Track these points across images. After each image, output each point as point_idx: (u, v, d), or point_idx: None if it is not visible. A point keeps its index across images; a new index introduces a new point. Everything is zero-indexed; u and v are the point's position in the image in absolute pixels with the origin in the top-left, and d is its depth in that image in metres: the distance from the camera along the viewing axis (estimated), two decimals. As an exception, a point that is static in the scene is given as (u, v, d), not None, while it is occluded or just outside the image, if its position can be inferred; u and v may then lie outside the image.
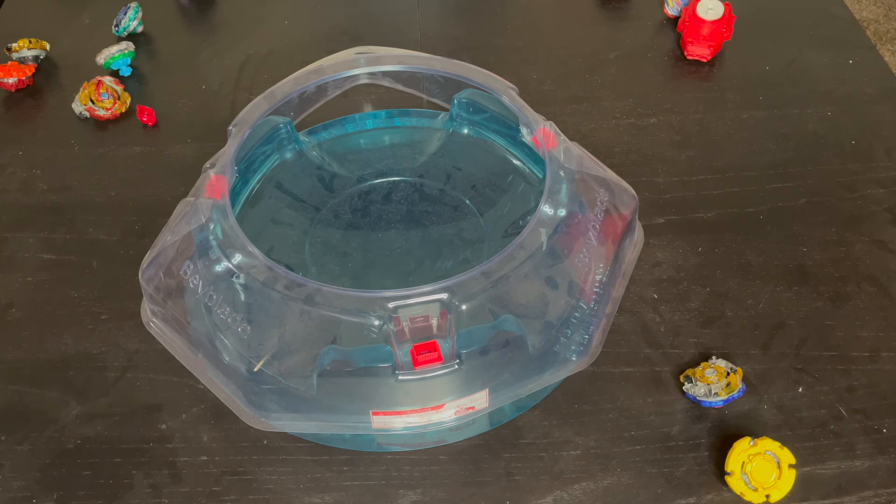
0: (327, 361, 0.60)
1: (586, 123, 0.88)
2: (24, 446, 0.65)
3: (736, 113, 0.89)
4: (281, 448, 0.64)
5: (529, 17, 1.02)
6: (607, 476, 0.62)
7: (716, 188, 0.81)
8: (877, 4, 2.04)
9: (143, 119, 0.89)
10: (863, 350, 0.69)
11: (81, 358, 0.70)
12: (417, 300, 0.57)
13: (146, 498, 0.62)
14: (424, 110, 0.83)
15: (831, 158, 0.84)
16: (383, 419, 0.61)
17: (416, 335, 0.58)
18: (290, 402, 0.61)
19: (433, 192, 0.77)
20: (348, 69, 0.73)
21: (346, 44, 0.78)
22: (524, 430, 0.65)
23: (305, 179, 0.78)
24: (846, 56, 0.94)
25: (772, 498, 0.59)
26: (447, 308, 0.57)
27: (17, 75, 0.92)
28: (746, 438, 0.60)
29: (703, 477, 0.62)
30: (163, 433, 0.66)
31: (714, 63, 0.94)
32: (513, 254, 0.60)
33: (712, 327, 0.71)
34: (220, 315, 0.61)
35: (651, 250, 0.76)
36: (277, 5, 1.04)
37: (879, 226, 0.78)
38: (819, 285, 0.73)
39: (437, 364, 0.58)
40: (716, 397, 0.64)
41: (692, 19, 0.93)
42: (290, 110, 0.75)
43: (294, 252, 0.72)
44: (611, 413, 0.66)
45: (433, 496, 0.62)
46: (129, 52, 0.93)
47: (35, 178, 0.85)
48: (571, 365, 0.64)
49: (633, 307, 0.72)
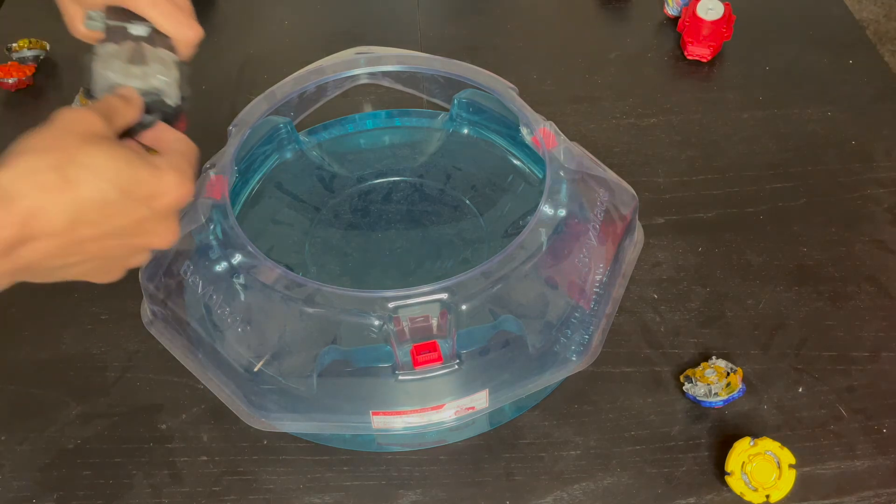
0: (327, 361, 0.60)
1: (586, 123, 0.88)
2: (24, 446, 0.65)
3: (736, 113, 0.89)
4: (281, 448, 0.64)
5: (529, 17, 1.02)
6: (607, 476, 0.62)
7: (716, 188, 0.81)
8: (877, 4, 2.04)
9: (143, 119, 0.89)
10: (863, 350, 0.69)
11: (81, 358, 0.70)
12: (417, 300, 0.57)
13: (146, 498, 0.62)
14: (424, 110, 0.82)
15: (831, 158, 0.84)
16: (383, 419, 0.61)
17: (416, 335, 0.58)
18: (290, 402, 0.61)
19: (433, 192, 0.77)
20: (348, 69, 0.73)
21: (346, 44, 0.78)
22: (524, 430, 0.65)
23: (305, 179, 0.78)
24: (846, 56, 0.94)
25: (772, 498, 0.59)
26: (447, 308, 0.57)
27: (17, 75, 0.92)
28: (746, 438, 0.60)
29: (703, 477, 0.62)
30: (163, 433, 0.66)
31: (714, 63, 0.94)
32: (513, 254, 0.60)
33: (712, 327, 0.71)
34: (220, 315, 0.61)
35: (651, 250, 0.76)
36: (277, 5, 1.04)
37: (879, 226, 0.78)
38: (819, 285, 0.73)
39: (437, 364, 0.58)
40: (716, 397, 0.64)
41: (692, 19, 0.93)
42: (290, 110, 0.75)
43: (294, 252, 0.72)
44: (611, 413, 0.66)
45: (433, 496, 0.62)
46: (129, 52, 0.93)
47: (35, 178, 0.85)
48: (571, 365, 0.64)
49: (633, 307, 0.72)
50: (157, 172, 0.43)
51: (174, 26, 0.50)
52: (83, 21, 0.51)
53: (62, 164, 0.40)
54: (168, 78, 0.50)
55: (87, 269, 0.44)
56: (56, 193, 0.40)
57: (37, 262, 0.41)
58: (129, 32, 0.50)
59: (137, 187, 0.42)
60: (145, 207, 0.43)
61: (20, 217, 0.39)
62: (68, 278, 0.44)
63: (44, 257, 0.41)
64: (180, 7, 0.51)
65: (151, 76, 0.49)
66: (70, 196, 0.40)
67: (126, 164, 0.42)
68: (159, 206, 0.43)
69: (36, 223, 0.40)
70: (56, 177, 0.40)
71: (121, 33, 0.50)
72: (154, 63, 0.49)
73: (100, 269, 0.45)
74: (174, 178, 0.44)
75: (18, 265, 0.41)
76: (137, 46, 0.49)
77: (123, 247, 0.44)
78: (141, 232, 0.44)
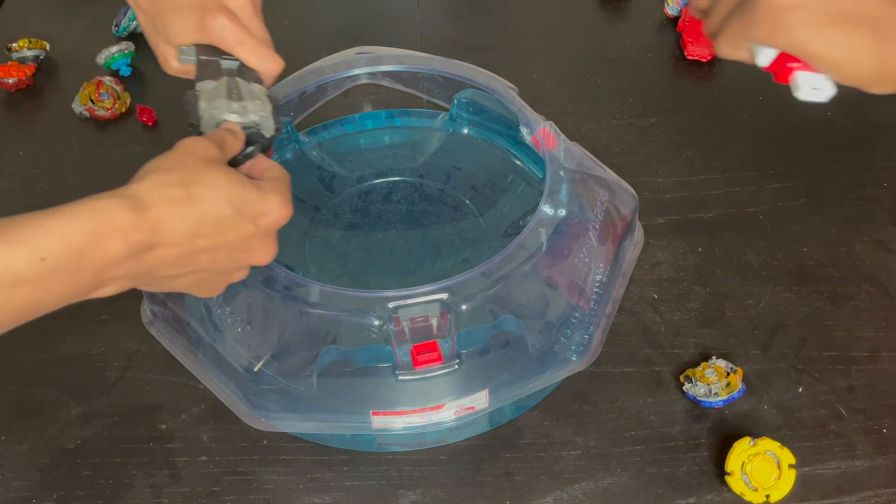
0: (327, 361, 0.60)
1: (586, 123, 0.88)
2: (24, 446, 0.65)
3: (736, 113, 0.89)
4: (281, 448, 0.64)
5: (529, 17, 1.02)
6: (607, 476, 0.62)
7: (716, 188, 0.81)
8: (877, 4, 2.04)
9: (143, 119, 0.89)
10: (863, 350, 0.69)
11: (81, 358, 0.70)
12: (417, 300, 0.57)
13: (146, 498, 0.62)
14: (424, 110, 0.82)
15: (831, 158, 0.84)
16: (383, 419, 0.61)
17: (416, 335, 0.58)
18: (290, 402, 0.61)
19: (433, 192, 0.77)
20: (348, 69, 0.73)
21: (346, 44, 0.78)
22: (524, 430, 0.65)
23: (305, 179, 0.78)
24: (846, 56, 0.94)
25: (772, 498, 0.59)
26: (447, 308, 0.57)
27: (17, 75, 0.92)
28: (746, 438, 0.60)
29: (703, 477, 0.62)
30: (163, 433, 0.66)
31: (714, 63, 0.94)
32: (513, 254, 0.60)
33: (712, 327, 0.71)
34: (220, 315, 0.61)
35: (651, 250, 0.76)
36: (277, 5, 1.04)
37: (879, 226, 0.78)
38: (819, 285, 0.73)
39: (437, 364, 0.58)
40: (716, 397, 0.64)
41: (692, 19, 0.93)
42: (290, 110, 0.75)
43: (294, 252, 0.72)
44: (611, 413, 0.66)
45: (433, 496, 0.62)
46: (129, 52, 0.93)
47: (35, 177, 0.85)
48: (571, 365, 0.64)
49: (633, 307, 0.72)
50: (264, 194, 0.48)
51: (260, 61, 0.56)
52: (176, 57, 0.56)
53: (187, 182, 0.45)
54: (264, 112, 0.55)
55: (195, 280, 0.49)
56: (181, 206, 0.45)
57: (155, 269, 0.45)
58: (220, 66, 0.55)
59: (248, 206, 0.47)
60: (253, 225, 0.48)
61: (151, 223, 0.43)
62: (176, 290, 0.49)
63: (162, 264, 0.45)
64: (263, 42, 0.56)
65: (250, 111, 0.54)
66: (193, 209, 0.45)
67: (239, 185, 0.47)
68: (264, 224, 0.48)
69: (162, 231, 0.44)
70: (182, 192, 0.45)
71: (212, 67, 0.55)
72: (250, 98, 0.55)
73: (205, 283, 0.50)
74: (278, 200, 0.48)
75: (140, 270, 0.45)
76: (233, 82, 0.55)
77: (230, 260, 0.49)
78: (247, 248, 0.48)
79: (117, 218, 0.42)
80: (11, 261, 0.39)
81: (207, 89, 0.55)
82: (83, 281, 0.43)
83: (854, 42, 0.41)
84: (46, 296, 0.42)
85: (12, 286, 0.40)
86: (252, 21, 0.56)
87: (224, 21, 0.54)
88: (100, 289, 0.44)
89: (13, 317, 0.41)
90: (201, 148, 0.48)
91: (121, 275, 0.44)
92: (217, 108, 0.54)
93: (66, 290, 0.42)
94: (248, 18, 0.56)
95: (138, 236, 0.43)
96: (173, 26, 0.55)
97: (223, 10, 0.54)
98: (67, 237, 0.41)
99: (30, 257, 0.40)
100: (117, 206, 0.42)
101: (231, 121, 0.53)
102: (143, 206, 0.43)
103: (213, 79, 0.55)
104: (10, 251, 0.39)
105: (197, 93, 0.55)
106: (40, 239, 0.40)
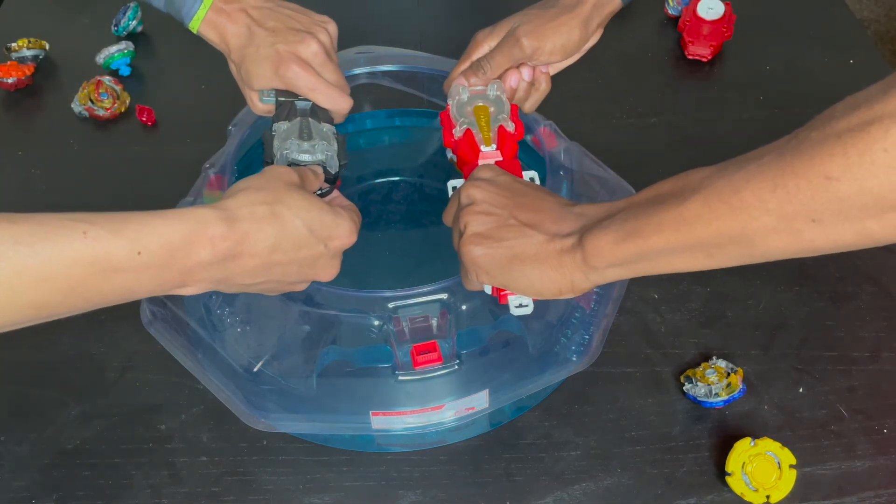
0: (327, 361, 0.60)
1: (586, 123, 0.88)
2: (23, 446, 0.65)
3: (736, 113, 0.89)
4: (280, 448, 0.64)
5: (529, 17, 1.02)
6: (608, 476, 0.62)
7: (716, 188, 0.81)
8: (877, 4, 2.04)
9: (143, 119, 0.89)
10: (863, 350, 0.69)
11: (81, 358, 0.70)
12: (417, 300, 0.57)
13: (146, 498, 0.62)
14: (424, 110, 0.82)
15: (832, 158, 0.83)
16: (383, 419, 0.61)
17: (415, 335, 0.58)
18: (290, 403, 0.61)
19: (433, 192, 0.77)
20: (348, 69, 0.73)
21: (346, 44, 0.78)
22: (524, 430, 0.65)
23: (305, 179, 0.78)
24: (846, 56, 0.94)
25: (772, 498, 0.59)
26: (447, 308, 0.57)
27: (16, 75, 0.92)
28: (747, 439, 0.60)
29: (704, 477, 0.62)
30: (163, 433, 0.65)
31: (714, 63, 0.94)
32: (513, 254, 0.59)
33: (713, 327, 0.71)
34: (220, 315, 0.61)
35: (651, 250, 0.76)
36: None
37: (880, 226, 0.77)
38: (819, 285, 0.73)
39: (436, 364, 0.58)
40: (716, 398, 0.64)
41: (693, 19, 0.93)
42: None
43: (294, 252, 0.72)
44: (611, 413, 0.66)
45: (433, 496, 0.62)
46: (128, 51, 0.93)
47: (34, 177, 0.85)
48: (571, 365, 0.63)
49: (633, 307, 0.72)
50: (337, 219, 0.54)
51: (331, 102, 0.63)
52: (260, 99, 0.64)
53: (271, 202, 0.51)
54: (330, 151, 0.61)
55: (263, 288, 0.53)
56: (265, 223, 0.50)
57: (235, 276, 0.50)
58: (296, 107, 0.62)
59: (322, 228, 0.53)
60: (323, 245, 0.53)
61: (238, 235, 0.48)
62: (246, 291, 0.53)
63: (242, 273, 0.50)
64: (335, 84, 0.63)
65: (319, 150, 0.61)
66: (275, 227, 0.50)
67: (317, 209, 0.53)
68: (333, 246, 0.54)
69: (247, 243, 0.49)
70: (267, 210, 0.50)
71: (289, 106, 0.62)
72: (319, 138, 0.61)
73: (270, 291, 0.54)
74: (348, 226, 0.54)
75: (222, 275, 0.49)
76: (305, 122, 0.62)
77: (299, 274, 0.53)
78: (315, 265, 0.53)
79: (210, 227, 0.47)
80: (113, 250, 0.44)
81: (282, 130, 0.61)
82: (170, 278, 0.47)
83: (527, 274, 0.51)
84: (137, 285, 0.46)
85: (111, 272, 0.44)
86: (325, 66, 0.63)
87: (297, 70, 0.61)
88: (184, 287, 0.48)
89: (109, 297, 0.45)
90: (286, 174, 0.53)
91: (204, 277, 0.48)
92: (289, 148, 0.60)
93: (154, 282, 0.46)
94: (321, 65, 0.63)
95: (226, 245, 0.48)
96: (255, 75, 0.62)
97: (296, 61, 0.61)
98: (165, 237, 0.46)
99: (130, 250, 0.44)
100: (213, 217, 0.48)
101: (301, 160, 0.60)
102: (234, 219, 0.49)
103: (289, 119, 0.62)
104: (114, 242, 0.44)
105: (273, 132, 0.61)
106: (142, 236, 0.45)
